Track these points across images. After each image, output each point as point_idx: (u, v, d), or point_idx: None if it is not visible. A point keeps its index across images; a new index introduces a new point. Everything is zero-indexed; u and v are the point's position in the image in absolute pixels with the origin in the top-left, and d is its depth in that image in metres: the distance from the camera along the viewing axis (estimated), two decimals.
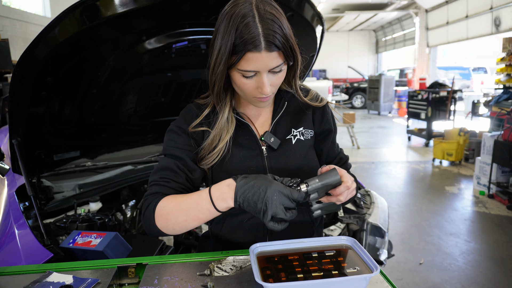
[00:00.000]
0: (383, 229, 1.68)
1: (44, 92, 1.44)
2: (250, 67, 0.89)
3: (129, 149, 2.42)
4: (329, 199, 0.91)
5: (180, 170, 1.01)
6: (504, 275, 2.88)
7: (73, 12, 1.17)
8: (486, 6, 9.83)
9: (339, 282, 0.76)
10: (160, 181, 1.00)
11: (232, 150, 1.04)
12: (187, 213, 0.91)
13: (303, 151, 1.09)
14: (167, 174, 1.00)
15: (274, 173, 1.04)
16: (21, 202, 1.61)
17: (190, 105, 1.10)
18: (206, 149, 1.02)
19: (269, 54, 0.87)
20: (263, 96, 0.95)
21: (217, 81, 0.95)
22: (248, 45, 0.85)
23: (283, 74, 0.95)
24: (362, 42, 22.78)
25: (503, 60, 6.21)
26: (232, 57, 0.88)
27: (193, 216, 0.91)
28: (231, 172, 1.03)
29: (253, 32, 0.85)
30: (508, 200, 4.30)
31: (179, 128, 1.05)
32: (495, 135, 4.53)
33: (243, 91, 0.96)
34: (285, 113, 1.11)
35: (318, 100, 1.13)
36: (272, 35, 0.86)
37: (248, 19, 0.85)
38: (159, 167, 1.03)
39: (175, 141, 1.03)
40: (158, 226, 0.94)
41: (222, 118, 1.02)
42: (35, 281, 0.85)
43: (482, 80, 17.24)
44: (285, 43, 0.88)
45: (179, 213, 0.92)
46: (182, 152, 1.02)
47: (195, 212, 0.91)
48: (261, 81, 0.91)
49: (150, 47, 1.62)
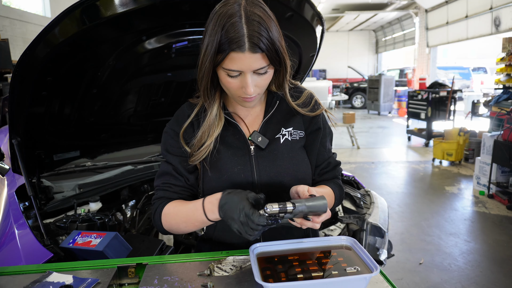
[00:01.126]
0: (383, 229, 1.68)
1: (44, 92, 1.44)
2: (233, 66, 0.90)
3: (129, 149, 2.42)
4: (303, 222, 0.90)
5: (179, 174, 1.08)
6: (504, 275, 2.88)
7: (73, 12, 1.17)
8: (486, 6, 9.83)
9: (339, 282, 0.76)
10: (163, 186, 1.08)
11: (220, 149, 1.05)
12: (186, 220, 1.01)
13: (291, 151, 1.08)
14: (168, 179, 1.08)
15: (261, 173, 1.05)
16: (21, 202, 1.61)
17: (183, 106, 1.12)
18: (196, 145, 1.04)
19: (253, 55, 0.88)
20: (247, 96, 0.96)
21: (204, 78, 0.97)
22: (232, 44, 0.87)
23: (268, 76, 0.96)
24: (362, 42, 22.78)
25: (503, 60, 6.21)
26: (218, 56, 0.90)
27: (190, 224, 1.01)
28: (220, 171, 1.05)
29: (238, 32, 0.86)
30: (508, 200, 4.30)
31: (173, 131, 1.09)
32: (495, 135, 4.53)
33: (228, 89, 0.98)
34: (276, 112, 1.10)
35: (311, 104, 1.12)
36: (257, 37, 0.87)
37: (235, 19, 0.87)
38: (160, 172, 1.11)
39: (169, 144, 1.08)
40: (166, 229, 1.06)
41: (211, 115, 1.03)
42: (35, 281, 0.85)
43: (482, 80, 17.24)
44: (270, 46, 0.89)
45: (179, 219, 1.02)
46: (176, 159, 1.07)
47: (192, 220, 1.00)
48: (245, 81, 0.92)
49: (150, 47, 1.62)
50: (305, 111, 1.10)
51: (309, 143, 1.13)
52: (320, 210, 0.87)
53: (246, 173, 1.04)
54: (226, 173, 1.04)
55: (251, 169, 1.05)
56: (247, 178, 1.04)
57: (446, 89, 7.48)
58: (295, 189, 0.96)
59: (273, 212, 0.84)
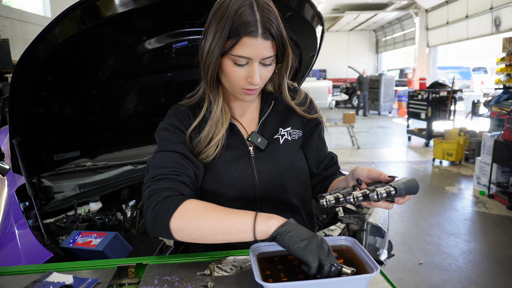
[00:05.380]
0: (383, 229, 1.68)
1: (44, 92, 1.44)
2: (244, 52, 0.89)
3: (129, 149, 2.42)
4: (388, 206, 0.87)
5: (187, 163, 0.96)
6: (504, 275, 2.88)
7: (73, 12, 1.17)
8: (486, 6, 9.83)
9: (339, 282, 0.76)
10: (171, 174, 0.92)
11: (220, 151, 1.02)
12: (219, 224, 0.83)
13: (291, 151, 1.08)
14: (176, 167, 0.93)
15: (262, 174, 1.04)
16: (21, 202, 1.61)
17: (175, 106, 1.08)
18: (203, 142, 1.00)
19: (264, 42, 0.89)
20: (251, 87, 0.95)
21: (211, 67, 0.94)
22: (246, 29, 0.87)
23: (271, 68, 0.97)
24: (362, 42, 22.78)
25: (503, 60, 6.20)
26: (228, 42, 0.89)
27: (222, 229, 0.83)
28: (219, 173, 1.02)
29: (251, 18, 0.87)
30: (508, 200, 4.30)
31: (172, 125, 1.02)
32: (495, 135, 4.53)
33: (232, 80, 0.95)
34: (273, 112, 1.10)
35: (306, 104, 1.12)
36: (269, 24, 0.88)
37: (246, 5, 0.88)
38: (160, 162, 0.95)
39: (171, 138, 0.99)
40: (172, 227, 0.85)
41: (217, 108, 1.01)
42: (35, 281, 0.85)
43: (482, 80, 17.23)
44: (279, 36, 0.91)
45: (209, 220, 0.84)
46: (182, 147, 0.98)
47: (228, 224, 0.82)
48: (252, 70, 0.92)
49: (150, 47, 1.62)
50: (301, 110, 1.10)
51: (307, 138, 1.13)
52: (414, 191, 0.85)
53: (247, 175, 1.03)
54: (226, 177, 1.03)
55: (252, 171, 1.04)
56: (247, 181, 1.03)
57: (446, 89, 7.48)
58: (362, 173, 0.89)
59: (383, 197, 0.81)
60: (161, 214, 0.86)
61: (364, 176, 0.90)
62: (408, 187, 0.84)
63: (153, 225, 0.88)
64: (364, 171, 0.90)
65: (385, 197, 0.81)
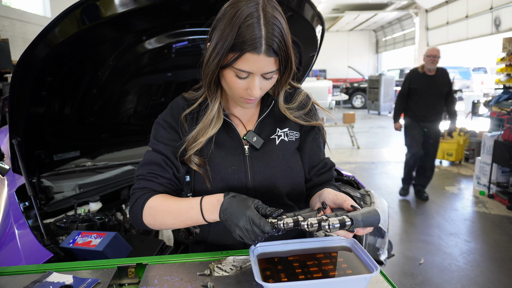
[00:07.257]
0: (383, 229, 1.68)
1: (44, 92, 1.44)
2: (246, 67, 0.88)
3: (129, 149, 2.42)
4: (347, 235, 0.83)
5: (168, 166, 1.03)
6: (504, 275, 2.88)
7: (73, 12, 1.17)
8: (486, 6, 9.84)
9: (339, 282, 0.76)
10: (148, 176, 1.02)
11: (214, 148, 1.03)
12: (176, 217, 0.95)
13: (286, 153, 1.07)
14: (155, 169, 1.02)
15: (255, 174, 1.04)
16: (21, 202, 1.61)
17: (177, 98, 1.10)
18: (191, 141, 1.01)
19: (267, 59, 0.87)
20: (251, 98, 0.95)
21: (210, 74, 0.94)
22: (249, 45, 0.84)
23: (273, 80, 0.96)
24: (362, 42, 22.78)
25: (503, 60, 6.20)
26: (230, 54, 0.88)
27: (180, 222, 0.96)
28: (213, 170, 1.03)
29: (256, 34, 0.84)
30: (508, 200, 4.30)
31: (166, 122, 1.06)
32: (495, 135, 4.53)
33: (232, 90, 0.95)
34: (271, 112, 1.09)
35: (308, 107, 1.11)
36: (274, 40, 0.86)
37: (253, 19, 0.84)
38: (146, 161, 1.04)
39: (161, 135, 1.05)
40: (145, 223, 0.99)
41: (212, 112, 1.01)
42: (35, 281, 0.85)
43: (482, 80, 17.21)
44: (283, 52, 0.89)
45: (167, 215, 0.96)
46: (168, 149, 1.03)
47: (184, 218, 0.95)
48: (252, 83, 0.91)
49: (150, 47, 1.62)
50: (298, 114, 1.08)
51: (302, 140, 1.12)
52: (373, 224, 0.81)
53: (240, 174, 1.03)
54: (220, 174, 1.03)
55: (245, 170, 1.04)
56: (240, 180, 1.03)
57: None
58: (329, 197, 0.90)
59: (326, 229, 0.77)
60: (135, 213, 1.00)
61: (330, 201, 0.91)
62: (367, 219, 0.80)
63: (134, 222, 1.02)
64: (331, 195, 0.91)
65: (337, 227, 0.77)
